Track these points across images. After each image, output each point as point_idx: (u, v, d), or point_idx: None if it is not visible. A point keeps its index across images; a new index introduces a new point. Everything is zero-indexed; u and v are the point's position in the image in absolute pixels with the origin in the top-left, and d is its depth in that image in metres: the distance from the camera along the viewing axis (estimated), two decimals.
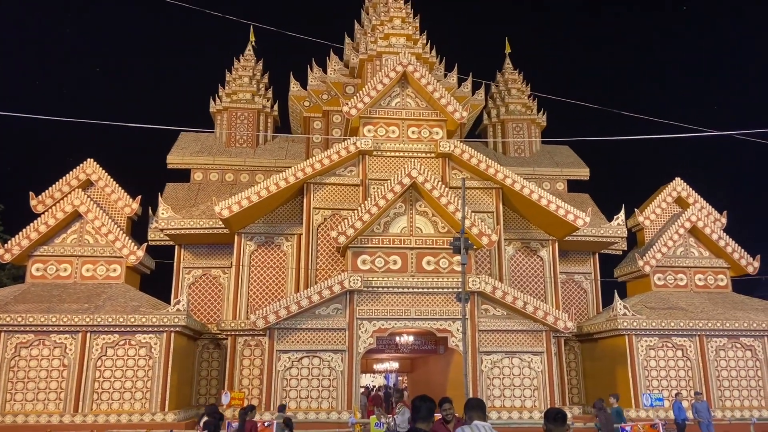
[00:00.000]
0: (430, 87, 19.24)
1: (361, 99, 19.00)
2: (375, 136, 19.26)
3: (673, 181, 21.08)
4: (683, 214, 20.00)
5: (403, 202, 17.71)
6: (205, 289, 20.28)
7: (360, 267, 17.10)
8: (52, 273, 18.35)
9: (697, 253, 20.19)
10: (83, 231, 18.63)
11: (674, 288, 19.81)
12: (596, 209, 22.60)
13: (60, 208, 18.35)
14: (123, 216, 19.40)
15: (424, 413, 4.30)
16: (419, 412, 4.30)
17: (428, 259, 17.37)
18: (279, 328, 16.41)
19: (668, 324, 17.66)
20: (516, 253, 20.15)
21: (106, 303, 17.14)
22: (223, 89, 24.28)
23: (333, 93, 22.51)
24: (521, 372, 16.89)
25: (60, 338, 16.50)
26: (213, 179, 22.45)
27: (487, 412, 15.99)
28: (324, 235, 18.70)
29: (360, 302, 16.78)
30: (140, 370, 16.49)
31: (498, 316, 17.14)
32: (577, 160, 24.52)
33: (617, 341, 18.00)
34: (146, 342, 16.61)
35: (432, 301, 16.98)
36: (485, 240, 16.99)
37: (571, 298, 21.38)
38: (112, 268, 18.46)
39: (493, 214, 19.26)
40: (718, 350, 17.95)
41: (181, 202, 21.01)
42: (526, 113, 25.25)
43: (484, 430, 4.55)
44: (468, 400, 4.83)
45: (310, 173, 18.59)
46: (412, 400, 4.74)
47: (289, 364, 16.34)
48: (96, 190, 19.35)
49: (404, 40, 21.65)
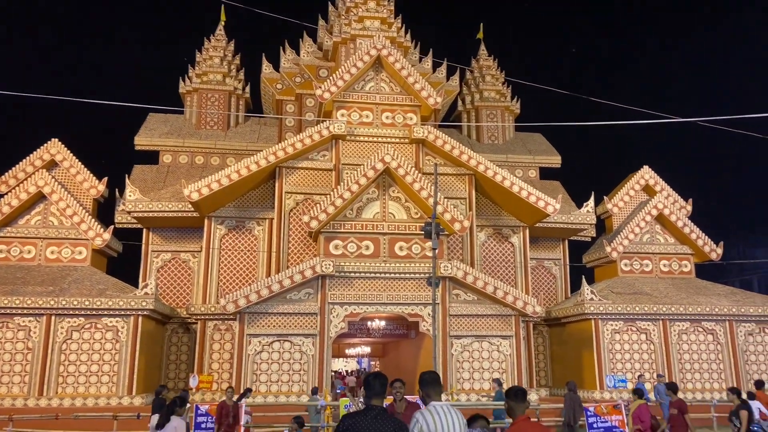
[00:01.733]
0: (404, 72, 19.14)
1: (334, 82, 18.81)
2: (348, 120, 19.11)
3: (641, 169, 21.45)
4: (650, 202, 20.38)
5: (377, 188, 17.67)
6: (174, 272, 20.01)
7: (332, 252, 17.04)
8: (15, 255, 17.91)
9: (662, 240, 20.63)
10: (47, 212, 18.19)
11: (640, 274, 20.24)
12: (567, 196, 22.89)
13: (23, 188, 17.87)
14: (89, 198, 18.98)
15: (377, 389, 4.32)
16: (372, 388, 4.31)
17: (401, 244, 17.39)
18: (249, 313, 16.30)
19: (633, 308, 18.04)
20: (488, 239, 20.30)
21: (72, 286, 16.80)
22: (194, 70, 23.80)
23: (306, 76, 22.25)
24: (490, 356, 17.11)
25: (24, 321, 16.14)
26: (182, 162, 22.08)
27: (457, 394, 16.24)
28: (296, 219, 18.57)
29: (332, 287, 16.75)
30: (107, 353, 16.25)
31: (469, 301, 17.29)
32: (549, 148, 24.77)
33: (584, 325, 18.34)
34: (113, 326, 16.35)
35: (404, 287, 17.04)
36: (457, 226, 17.08)
37: (541, 284, 21.69)
38: (78, 251, 18.09)
39: (466, 200, 19.35)
40: (681, 334, 18.43)
41: (149, 185, 20.63)
42: (500, 100, 25.35)
43: (443, 411, 4.44)
44: (421, 375, 4.65)
45: (282, 157, 18.40)
46: (365, 377, 4.72)
47: (260, 348, 16.27)
48: (61, 171, 18.88)
49: (379, 23, 21.47)
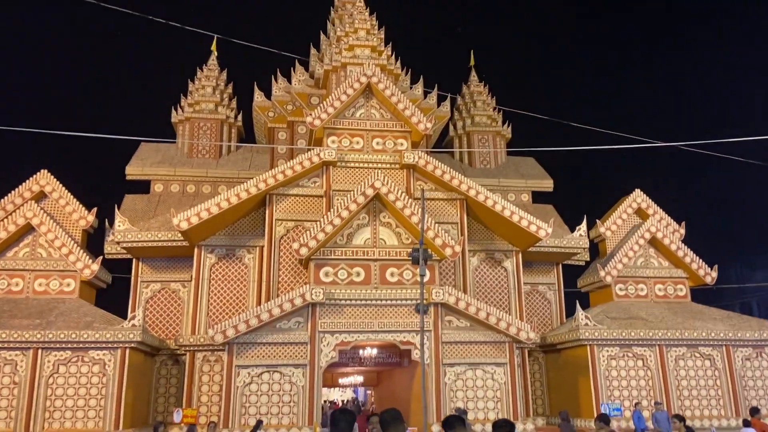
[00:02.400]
0: (394, 98, 19.21)
1: (324, 110, 18.86)
2: (339, 146, 19.11)
3: (633, 193, 21.39)
4: (643, 225, 20.28)
5: (367, 214, 17.57)
6: (164, 303, 19.78)
7: (322, 279, 16.86)
8: (3, 288, 17.71)
9: (657, 264, 20.47)
10: (36, 244, 18.04)
11: (635, 298, 20.03)
12: (560, 220, 22.79)
13: (12, 220, 17.75)
14: (78, 228, 18.84)
15: (342, 426, 4.18)
16: (337, 425, 4.18)
17: (392, 270, 17.23)
18: (238, 343, 16.04)
19: (629, 334, 17.80)
20: (480, 264, 20.14)
21: (59, 318, 16.56)
22: (186, 99, 23.91)
23: (298, 103, 22.35)
24: (484, 384, 16.81)
25: (10, 355, 15.87)
26: (174, 191, 22.01)
27: None
28: (287, 247, 18.43)
29: (322, 315, 16.53)
30: (93, 387, 15.94)
31: (462, 328, 17.06)
32: (541, 172, 24.77)
33: (579, 351, 18.08)
34: (100, 359, 16.07)
35: (395, 313, 16.82)
36: (449, 251, 16.94)
37: (536, 309, 21.45)
38: (66, 283, 17.89)
39: (458, 225, 19.24)
40: (678, 360, 18.15)
41: (140, 214, 20.52)
42: (491, 125, 25.44)
43: None
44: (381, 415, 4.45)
45: (272, 184, 18.34)
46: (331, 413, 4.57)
47: (249, 380, 15.97)
48: (50, 202, 18.79)
49: (369, 51, 21.62)
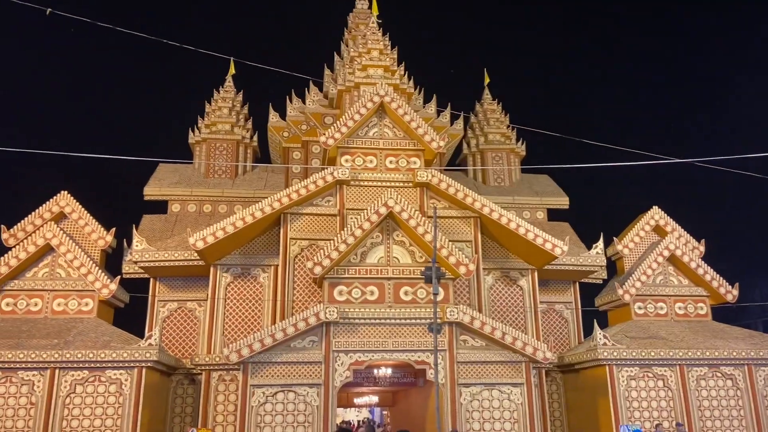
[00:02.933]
0: (407, 117, 19.31)
1: (338, 129, 19.01)
2: (352, 165, 19.22)
3: (651, 210, 21.13)
4: (661, 243, 20.00)
5: (380, 232, 17.58)
6: (180, 322, 19.88)
7: (336, 298, 16.85)
8: (22, 308, 17.93)
9: (676, 282, 20.13)
10: (55, 264, 18.28)
11: (654, 317, 19.70)
12: (576, 238, 22.58)
13: (32, 241, 18.02)
14: (97, 249, 19.08)
15: None
16: None
17: (406, 289, 17.16)
18: (253, 362, 16.04)
19: (648, 353, 17.47)
20: (495, 282, 19.99)
21: (76, 338, 16.71)
22: (203, 120, 24.25)
23: (312, 123, 22.55)
24: (501, 404, 16.58)
25: (28, 375, 16.01)
26: (191, 210, 22.24)
27: None
28: (301, 265, 18.48)
29: (336, 334, 16.49)
30: (110, 407, 16.01)
31: (477, 347, 16.89)
32: (556, 189, 24.62)
33: (598, 372, 17.77)
34: (116, 378, 16.16)
35: (410, 333, 16.72)
36: (463, 269, 16.84)
37: (552, 328, 21.18)
38: (84, 302, 18.07)
39: (472, 243, 19.15)
40: (699, 380, 17.76)
41: (157, 234, 20.74)
42: (505, 143, 25.41)
43: None
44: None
45: (286, 203, 18.46)
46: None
47: (263, 400, 15.94)
48: (69, 223, 19.07)
49: (382, 71, 21.80)
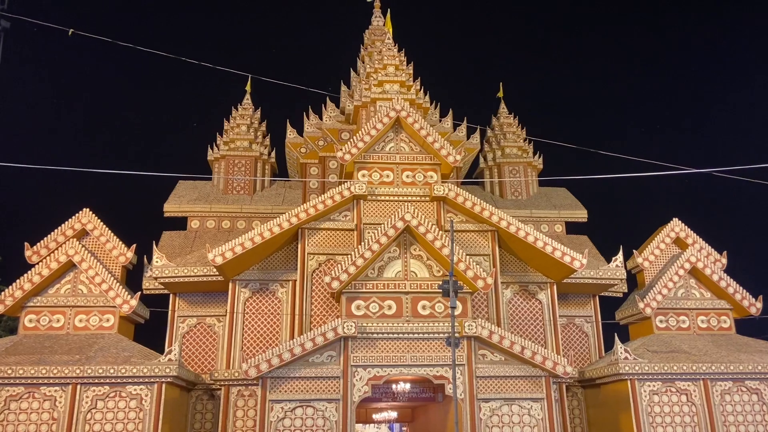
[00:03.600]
0: (423, 132, 19.39)
1: (354, 144, 19.15)
2: (369, 180, 19.32)
3: (671, 222, 20.88)
4: (682, 255, 19.73)
5: (398, 246, 17.60)
6: (199, 338, 20.02)
7: (354, 312, 16.87)
8: (45, 324, 18.18)
9: (698, 295, 19.83)
10: (77, 281, 18.54)
11: (677, 330, 19.39)
12: (595, 251, 22.39)
13: (54, 258, 18.31)
14: (118, 265, 19.33)
15: None
16: None
17: (423, 303, 17.13)
18: (272, 377, 16.08)
19: (671, 368, 17.19)
20: (514, 296, 19.87)
21: (98, 354, 16.90)
22: (221, 137, 24.57)
23: (329, 139, 22.74)
24: (521, 420, 16.40)
25: (50, 391, 16.20)
26: (210, 226, 22.48)
27: None
28: (319, 280, 18.55)
29: (354, 349, 16.48)
30: (130, 423, 16.12)
31: (496, 362, 16.76)
32: (574, 202, 24.48)
33: (620, 386, 17.52)
34: (137, 393, 16.29)
35: (428, 347, 16.66)
36: (480, 283, 16.78)
37: (572, 342, 20.96)
38: (105, 318, 18.28)
39: (489, 257, 19.09)
40: (723, 394, 17.41)
41: (177, 250, 20.97)
42: (522, 156, 25.36)
43: None
44: None
45: (304, 218, 18.59)
46: None
47: (282, 415, 15.94)
48: (91, 240, 19.35)
49: (398, 86, 21.96)
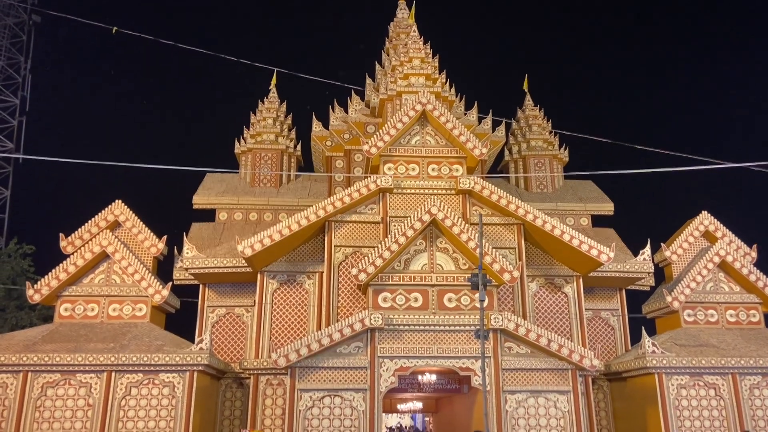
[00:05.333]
0: (449, 125, 19.44)
1: (380, 138, 19.27)
2: (395, 173, 19.44)
3: (700, 215, 20.67)
4: (711, 249, 19.54)
5: (424, 239, 17.72)
6: (228, 327, 20.40)
7: (381, 304, 17.05)
8: (79, 313, 18.68)
9: (727, 289, 19.63)
10: (110, 271, 19.00)
11: (705, 324, 19.24)
12: (622, 244, 22.24)
13: (88, 248, 18.78)
14: (149, 256, 19.75)
15: None
16: None
17: (449, 296, 17.25)
18: (300, 367, 16.36)
19: (699, 362, 17.10)
20: (540, 289, 19.88)
21: (131, 342, 17.34)
22: (248, 131, 24.86)
23: (354, 132, 22.88)
24: (547, 412, 16.47)
25: (85, 378, 16.70)
26: (237, 219, 22.81)
27: None
28: (345, 272, 18.76)
29: (381, 340, 16.68)
30: (163, 409, 16.55)
31: (522, 354, 16.83)
32: (600, 195, 24.31)
33: (647, 380, 17.47)
34: (169, 381, 16.71)
35: (454, 339, 16.79)
36: (507, 276, 16.83)
37: (598, 336, 20.91)
38: (138, 308, 18.72)
39: (515, 250, 19.12)
40: (752, 389, 17.27)
41: (206, 242, 21.34)
42: (547, 149, 25.22)
43: None
44: None
45: (331, 211, 18.77)
46: None
47: (311, 404, 16.22)
48: (123, 231, 19.79)
49: (423, 79, 21.99)
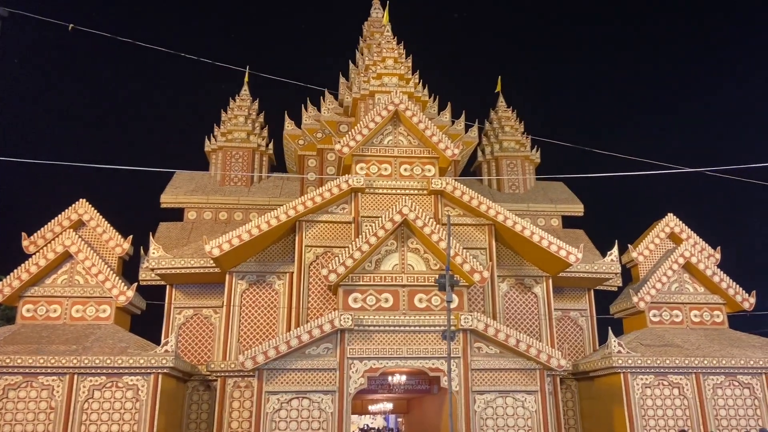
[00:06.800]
0: (421, 125, 19.42)
1: (353, 137, 19.16)
2: (367, 173, 19.35)
3: (666, 217, 21.01)
4: (676, 250, 19.88)
5: (395, 240, 17.67)
6: (196, 329, 20.09)
7: (351, 305, 16.95)
8: (42, 314, 18.21)
9: (692, 289, 19.98)
10: (74, 271, 18.57)
11: (670, 324, 19.55)
12: (591, 245, 22.51)
13: (51, 248, 18.32)
14: (114, 256, 19.36)
15: None
16: None
17: (420, 296, 17.22)
18: (268, 369, 16.17)
19: (663, 361, 17.37)
20: (510, 289, 19.98)
21: (94, 344, 16.96)
22: (219, 129, 24.54)
23: (327, 131, 22.74)
24: (515, 412, 16.55)
25: (48, 380, 16.28)
26: (207, 218, 22.50)
27: None
28: (316, 273, 18.61)
29: (351, 341, 16.58)
30: (127, 413, 16.21)
31: (491, 355, 16.88)
32: (571, 197, 24.59)
33: (613, 379, 17.69)
34: (133, 384, 16.37)
35: (424, 340, 16.76)
36: (477, 277, 16.87)
37: (567, 336, 21.11)
38: (102, 309, 18.32)
39: (486, 250, 19.18)
40: (716, 388, 17.60)
41: (173, 242, 20.99)
42: (519, 150, 25.41)
43: None
44: None
45: (302, 211, 18.61)
46: None
47: (278, 406, 16.04)
48: (87, 231, 19.35)
49: (396, 79, 21.96)
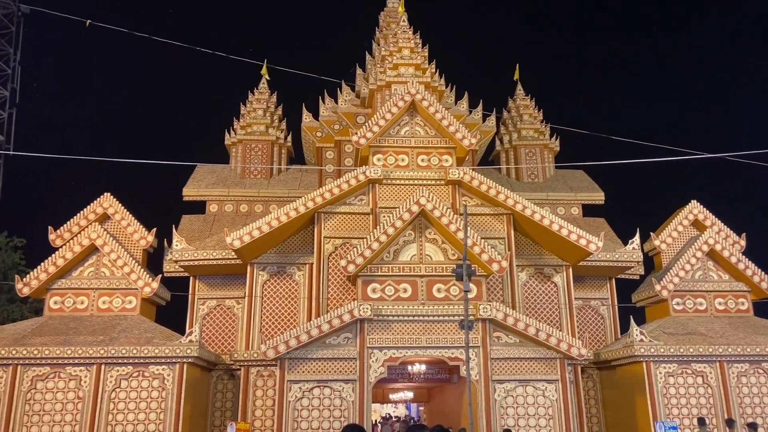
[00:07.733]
0: (438, 115, 19.38)
1: (369, 128, 19.21)
2: (385, 164, 19.41)
3: (689, 204, 20.69)
4: (700, 237, 19.60)
5: (413, 230, 17.72)
6: (219, 319, 20.41)
7: (370, 295, 17.07)
8: (69, 306, 18.65)
9: (716, 277, 19.70)
10: (100, 264, 18.96)
11: (693, 313, 19.32)
12: (612, 234, 22.29)
13: (77, 241, 18.74)
14: (138, 248, 19.70)
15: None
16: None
17: (438, 286, 17.28)
18: (290, 358, 16.40)
19: (687, 350, 17.20)
20: (529, 279, 19.93)
21: (121, 335, 17.34)
22: (238, 122, 24.76)
23: (344, 123, 22.81)
24: (535, 401, 16.56)
25: (75, 371, 16.69)
26: (228, 210, 22.77)
27: None
28: (335, 264, 18.76)
29: (370, 331, 16.72)
30: (153, 401, 16.58)
31: (510, 344, 16.89)
32: (591, 185, 24.34)
33: (635, 368, 17.57)
34: (159, 373, 16.72)
35: (443, 329, 16.83)
36: (495, 266, 16.86)
37: (588, 325, 20.99)
38: (128, 300, 18.71)
39: (505, 240, 19.14)
40: (740, 376, 17.39)
41: (196, 234, 21.31)
42: (538, 138, 25.21)
43: None
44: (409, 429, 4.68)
45: (320, 203, 18.75)
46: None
47: (300, 395, 16.28)
48: (112, 224, 19.73)
49: (413, 69, 21.91)
